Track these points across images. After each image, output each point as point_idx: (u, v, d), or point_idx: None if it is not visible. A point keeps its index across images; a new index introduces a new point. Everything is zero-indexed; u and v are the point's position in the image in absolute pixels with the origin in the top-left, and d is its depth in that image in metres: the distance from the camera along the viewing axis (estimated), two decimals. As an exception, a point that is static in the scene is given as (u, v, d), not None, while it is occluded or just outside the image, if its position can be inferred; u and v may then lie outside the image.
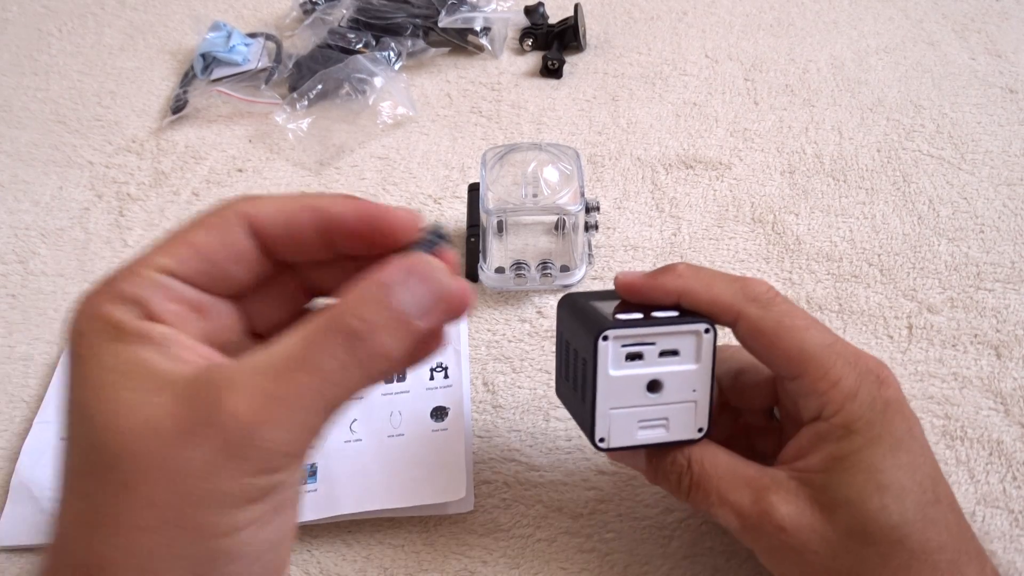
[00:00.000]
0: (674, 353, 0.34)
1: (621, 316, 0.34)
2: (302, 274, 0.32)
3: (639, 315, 0.34)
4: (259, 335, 0.31)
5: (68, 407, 0.26)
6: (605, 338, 0.34)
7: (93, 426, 0.25)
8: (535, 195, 0.51)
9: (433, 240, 0.29)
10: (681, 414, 0.35)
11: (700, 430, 0.35)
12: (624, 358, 0.34)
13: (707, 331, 0.34)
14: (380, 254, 0.29)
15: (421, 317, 0.27)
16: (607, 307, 0.36)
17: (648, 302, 0.36)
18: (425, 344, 0.29)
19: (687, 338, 0.34)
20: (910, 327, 0.51)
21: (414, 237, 0.29)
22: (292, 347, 0.26)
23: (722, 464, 0.35)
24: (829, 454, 0.33)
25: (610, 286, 0.53)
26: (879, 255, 0.55)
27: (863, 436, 0.32)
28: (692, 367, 0.35)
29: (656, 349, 0.34)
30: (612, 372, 0.34)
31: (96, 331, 0.26)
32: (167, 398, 0.25)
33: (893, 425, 0.32)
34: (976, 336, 0.50)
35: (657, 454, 0.36)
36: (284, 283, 0.31)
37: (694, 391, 0.35)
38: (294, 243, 0.29)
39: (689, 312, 0.35)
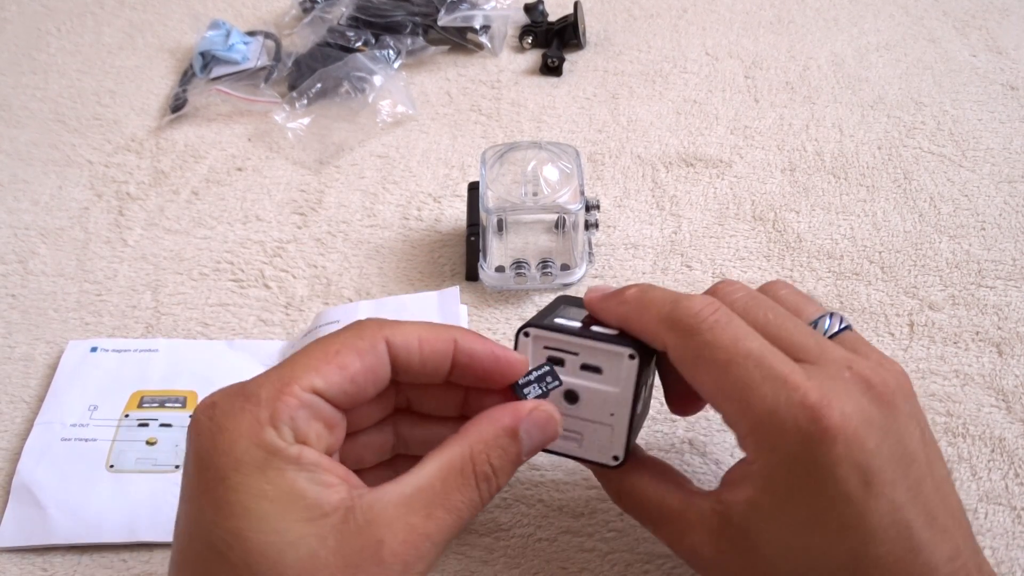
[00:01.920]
0: (596, 370, 0.34)
1: (559, 320, 0.34)
2: (400, 391, 0.34)
3: (578, 324, 0.34)
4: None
5: (218, 533, 0.26)
6: (526, 334, 0.34)
7: (256, 559, 0.26)
8: (535, 194, 0.51)
9: (548, 382, 0.33)
10: (596, 434, 0.35)
11: (615, 458, 0.35)
12: (545, 360, 0.34)
13: (631, 357, 0.33)
14: (489, 388, 0.33)
15: (528, 454, 0.32)
16: (572, 314, 0.36)
17: (602, 323, 0.35)
18: None
19: (613, 359, 0.33)
20: (911, 324, 0.51)
21: (532, 375, 0.33)
22: (431, 483, 0.29)
23: (651, 498, 0.34)
24: (749, 500, 0.30)
25: (611, 285, 0.53)
26: (880, 252, 0.55)
27: (774, 501, 0.29)
28: (612, 390, 0.34)
29: (578, 360, 0.34)
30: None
31: (253, 458, 0.27)
32: (327, 530, 0.26)
33: (818, 492, 0.28)
34: (978, 333, 0.50)
35: (600, 473, 0.37)
36: (384, 396, 0.33)
37: (611, 415, 0.34)
38: (425, 369, 0.31)
39: (632, 337, 0.34)
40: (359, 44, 0.71)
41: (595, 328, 0.34)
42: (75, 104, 0.69)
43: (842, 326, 0.34)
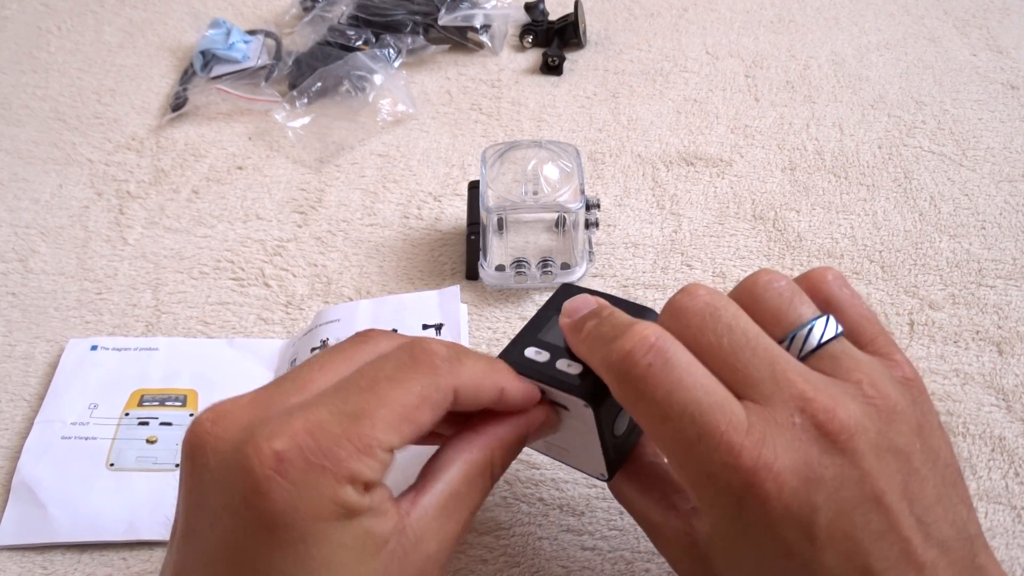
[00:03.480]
0: (564, 407, 0.33)
1: (530, 352, 0.34)
2: None
3: (546, 358, 0.34)
4: None
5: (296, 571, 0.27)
6: None
7: None
8: (535, 192, 0.51)
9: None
10: (581, 453, 0.35)
11: (603, 475, 0.35)
12: None
13: (586, 406, 0.32)
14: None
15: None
16: (556, 334, 0.34)
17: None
18: None
19: (573, 403, 0.33)
20: (912, 324, 0.51)
21: None
22: (459, 489, 0.30)
23: (636, 508, 0.34)
24: (707, 534, 0.30)
25: (610, 284, 0.53)
26: (880, 252, 0.55)
27: (724, 544, 0.29)
28: (581, 426, 0.33)
29: (548, 397, 0.33)
30: None
31: (333, 514, 0.27)
32: (387, 558, 0.28)
33: (760, 548, 0.28)
34: (978, 332, 0.50)
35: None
36: None
37: (588, 445, 0.34)
38: (471, 407, 0.32)
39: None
40: (359, 43, 0.71)
41: (560, 365, 0.33)
42: (75, 103, 0.69)
43: (823, 339, 0.30)
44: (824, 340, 0.30)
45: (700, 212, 0.58)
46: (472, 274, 0.54)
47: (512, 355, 0.34)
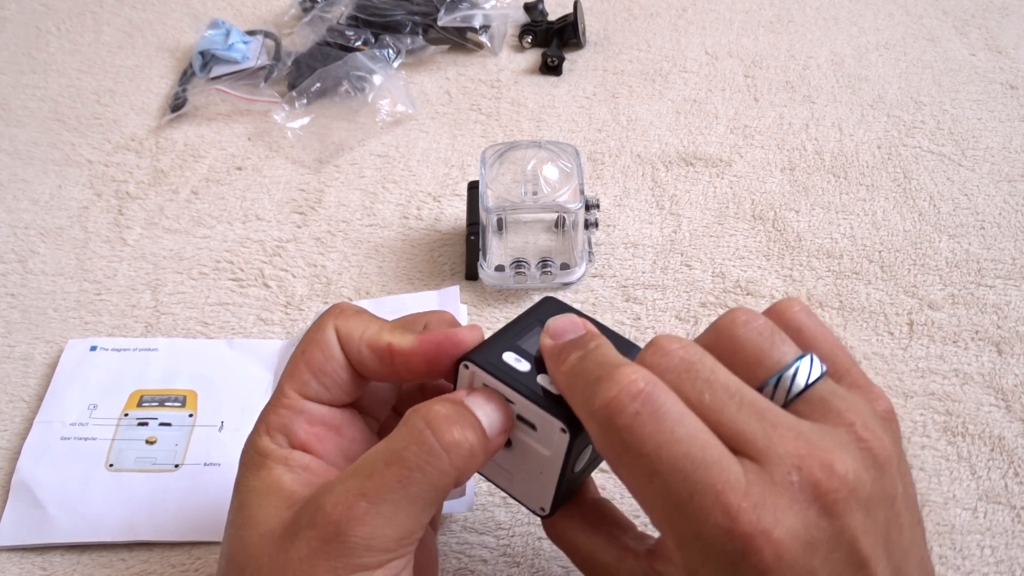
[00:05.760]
0: (531, 426, 0.31)
1: (508, 357, 0.31)
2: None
3: (526, 368, 0.31)
4: None
5: (227, 529, 0.31)
6: (466, 366, 0.31)
7: (232, 538, 0.30)
8: (535, 193, 0.51)
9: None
10: (527, 480, 0.32)
11: (542, 509, 0.32)
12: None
13: (563, 431, 0.29)
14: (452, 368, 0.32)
15: (489, 428, 0.30)
16: (533, 343, 0.32)
17: None
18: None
19: (546, 423, 0.30)
20: (911, 324, 0.51)
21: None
22: (379, 446, 0.29)
23: (581, 549, 0.32)
24: None
25: (610, 284, 0.53)
26: (880, 252, 0.55)
27: None
28: (543, 451, 0.31)
29: (515, 410, 0.31)
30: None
31: (252, 461, 0.31)
32: (290, 513, 0.29)
33: None
34: (977, 332, 0.50)
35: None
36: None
37: (540, 473, 0.31)
38: (368, 366, 0.32)
39: None
40: (359, 43, 0.71)
41: (542, 380, 0.30)
42: (75, 103, 0.69)
43: (811, 380, 0.28)
44: (811, 382, 0.28)
45: (700, 212, 0.58)
46: (472, 274, 0.54)
47: (487, 356, 0.31)
